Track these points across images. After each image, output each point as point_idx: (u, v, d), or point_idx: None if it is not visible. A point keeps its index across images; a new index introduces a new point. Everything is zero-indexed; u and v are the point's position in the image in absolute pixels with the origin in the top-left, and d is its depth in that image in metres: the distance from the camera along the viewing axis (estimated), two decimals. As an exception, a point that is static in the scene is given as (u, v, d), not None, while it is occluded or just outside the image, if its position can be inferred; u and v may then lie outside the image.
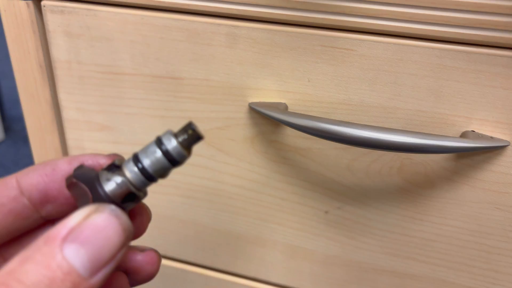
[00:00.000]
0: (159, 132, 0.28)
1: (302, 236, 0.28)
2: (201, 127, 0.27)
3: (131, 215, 0.15)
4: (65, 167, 0.15)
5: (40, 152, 0.30)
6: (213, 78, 0.25)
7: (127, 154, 0.29)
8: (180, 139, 0.14)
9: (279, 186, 0.27)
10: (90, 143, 0.29)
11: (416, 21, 0.20)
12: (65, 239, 0.11)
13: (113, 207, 0.13)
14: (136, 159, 0.14)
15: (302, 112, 0.24)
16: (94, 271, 0.11)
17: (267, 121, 0.25)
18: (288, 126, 0.24)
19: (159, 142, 0.14)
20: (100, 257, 0.12)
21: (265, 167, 0.27)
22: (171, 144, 0.13)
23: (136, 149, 0.29)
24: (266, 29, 0.23)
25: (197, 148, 0.27)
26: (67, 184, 0.14)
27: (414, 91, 0.22)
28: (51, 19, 0.26)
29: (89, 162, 0.15)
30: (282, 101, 0.24)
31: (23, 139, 1.14)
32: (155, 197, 0.30)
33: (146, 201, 0.30)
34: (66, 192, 0.15)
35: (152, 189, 0.29)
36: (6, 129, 1.16)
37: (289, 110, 0.24)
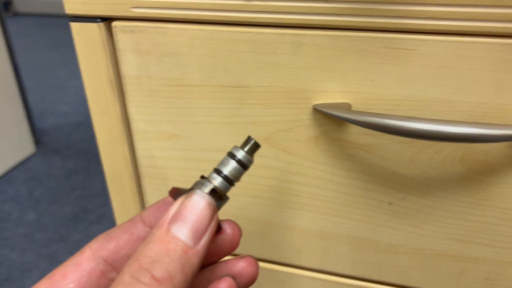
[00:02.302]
0: (225, 138, 0.30)
1: (366, 228, 0.30)
2: (265, 131, 0.29)
3: (224, 232, 0.19)
4: (170, 200, 0.20)
5: (110, 162, 0.33)
6: (277, 84, 0.27)
7: (194, 160, 0.31)
8: (246, 149, 0.19)
9: (343, 182, 0.29)
10: (159, 152, 0.31)
11: (477, 19, 0.22)
12: (170, 222, 0.15)
13: (198, 191, 0.17)
14: (217, 171, 0.18)
15: (366, 110, 0.26)
16: (196, 239, 0.15)
17: (331, 120, 0.27)
18: (353, 124, 0.25)
19: (231, 155, 0.19)
20: (198, 228, 0.15)
21: (329, 165, 0.29)
22: (241, 154, 0.18)
23: (203, 154, 0.31)
24: (330, 35, 0.24)
25: (262, 151, 0.29)
26: (170, 191, 0.19)
27: (475, 84, 0.24)
28: (121, 39, 0.28)
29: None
30: (346, 101, 0.26)
31: (54, 151, 1.18)
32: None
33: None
34: None
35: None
36: (37, 142, 1.20)
37: (353, 109, 0.26)
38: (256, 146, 0.19)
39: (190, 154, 0.31)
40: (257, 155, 0.30)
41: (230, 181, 0.18)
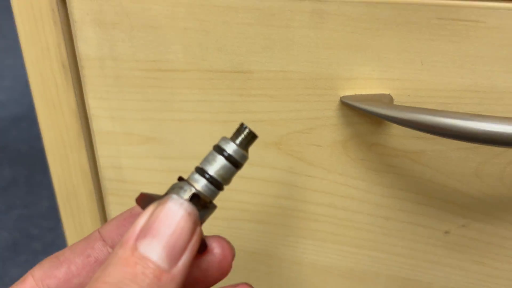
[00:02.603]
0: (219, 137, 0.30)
1: (413, 266, 0.30)
2: (275, 133, 0.29)
3: (211, 252, 0.19)
4: (139, 209, 0.20)
5: (61, 173, 0.33)
6: (292, 68, 0.27)
7: (177, 171, 0.31)
8: (238, 141, 0.19)
9: (382, 203, 0.29)
10: (130, 161, 0.32)
11: None
12: (138, 237, 0.16)
13: (174, 196, 0.17)
14: (200, 170, 0.19)
15: (414, 105, 0.26)
16: (172, 260, 0.16)
17: (365, 119, 0.27)
18: (395, 124, 0.25)
19: (219, 149, 0.19)
20: (174, 245, 0.16)
21: (362, 179, 0.29)
22: (231, 148, 0.19)
23: (189, 164, 0.31)
24: (364, 2, 0.24)
25: (272, 161, 0.29)
26: (137, 198, 0.19)
27: None
28: (77, 6, 0.28)
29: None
30: (386, 91, 0.26)
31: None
32: (217, 223, 0.32)
33: (210, 230, 0.32)
34: None
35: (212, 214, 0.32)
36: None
37: (395, 103, 0.26)
38: (251, 137, 0.19)
39: (171, 164, 0.31)
40: (264, 165, 0.30)
41: (217, 184, 0.19)
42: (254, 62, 0.27)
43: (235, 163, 0.19)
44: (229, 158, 0.19)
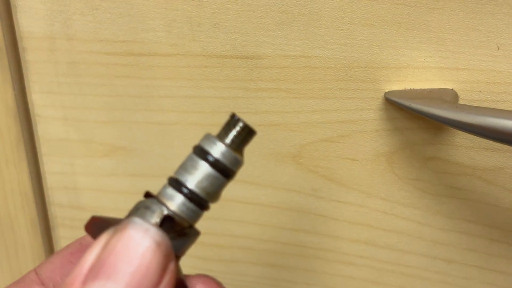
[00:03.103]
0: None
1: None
2: (294, 141, 0.29)
3: None
4: (90, 240, 0.21)
5: (-7, 198, 0.34)
6: (316, 53, 0.28)
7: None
8: (227, 140, 0.19)
9: (441, 239, 0.30)
10: (89, 178, 0.32)
11: None
12: (87, 278, 0.16)
13: (136, 219, 0.17)
14: (175, 182, 0.18)
15: (487, 104, 0.26)
16: None
17: (419, 123, 0.28)
18: (461, 130, 0.26)
19: (201, 151, 0.19)
20: (137, 286, 0.16)
21: (414, 206, 0.29)
22: (219, 149, 0.18)
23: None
24: (417, -37, 0.25)
25: (286, 179, 0.30)
26: (87, 225, 0.20)
27: None
28: (18, -34, 0.29)
29: None
30: (448, 86, 0.27)
31: None
32: (211, 267, 0.33)
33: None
34: None
35: (203, 254, 0.32)
36: None
37: (461, 101, 0.27)
38: (246, 133, 0.19)
39: (147, 184, 0.31)
40: (278, 186, 0.31)
41: (199, 201, 0.18)
42: (265, 44, 0.28)
43: (225, 171, 0.18)
44: (215, 164, 0.18)
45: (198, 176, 0.18)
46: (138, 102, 0.30)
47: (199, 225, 0.32)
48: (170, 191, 0.18)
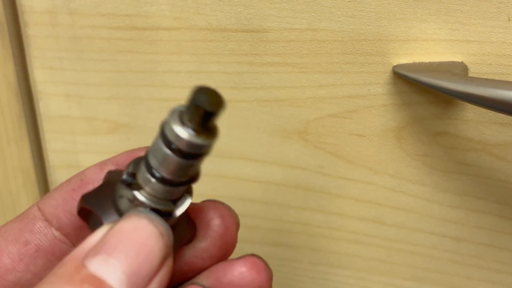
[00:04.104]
0: (222, 130, 0.30)
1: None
2: (300, 116, 0.29)
3: (207, 222, 0.20)
4: (96, 175, 0.21)
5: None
6: (323, 26, 0.27)
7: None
8: (187, 118, 0.17)
9: (450, 217, 0.29)
10: (92, 156, 0.32)
11: None
12: (89, 253, 0.16)
13: (141, 208, 0.18)
14: (147, 164, 0.18)
15: (498, 77, 0.26)
16: (133, 286, 0.16)
17: (428, 97, 0.27)
18: (471, 104, 0.26)
19: (164, 136, 0.17)
20: (138, 270, 0.16)
21: (423, 183, 0.29)
22: (177, 133, 0.17)
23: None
24: None
25: (292, 156, 0.30)
26: (80, 208, 0.19)
27: None
28: None
29: (125, 163, 0.20)
30: (458, 59, 0.26)
31: None
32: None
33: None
34: None
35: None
36: None
37: (471, 74, 0.26)
38: (210, 110, 0.17)
39: None
40: (284, 164, 0.30)
41: (173, 183, 0.18)
42: (270, 17, 0.28)
43: (187, 156, 0.17)
44: (175, 150, 0.17)
45: (161, 159, 0.18)
46: (141, 78, 0.30)
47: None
48: (143, 171, 0.18)
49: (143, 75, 0.30)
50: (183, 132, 0.17)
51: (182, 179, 0.18)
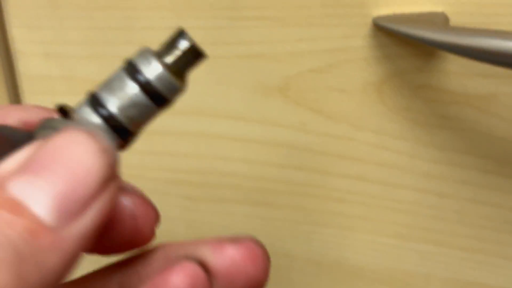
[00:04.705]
0: (202, 87, 0.30)
1: (479, 263, 0.30)
2: (280, 72, 0.29)
3: (122, 215, 0.17)
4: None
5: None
6: (302, -23, 0.27)
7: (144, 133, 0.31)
8: (168, 59, 0.16)
9: (433, 172, 0.29)
10: (73, 117, 0.32)
11: None
12: (13, 173, 0.14)
13: (80, 122, 0.15)
14: (94, 100, 0.16)
15: (479, 27, 0.26)
16: (64, 217, 0.13)
17: (409, 49, 0.27)
18: (453, 53, 0.25)
19: (131, 68, 0.16)
20: (71, 192, 0.14)
21: (405, 138, 0.29)
22: (153, 69, 0.16)
23: (162, 122, 0.31)
24: None
25: (273, 113, 0.30)
26: None
27: None
28: None
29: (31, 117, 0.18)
30: (438, 9, 0.26)
31: None
32: (197, 206, 0.33)
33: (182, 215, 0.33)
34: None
35: (190, 194, 0.32)
36: None
37: (452, 24, 0.26)
38: (193, 55, 0.16)
39: None
40: (265, 121, 0.30)
41: (120, 127, 0.16)
42: (248, -31, 0.27)
43: (157, 96, 0.16)
44: (146, 87, 0.16)
45: (123, 98, 0.16)
46: (119, 35, 0.30)
47: (182, 163, 0.32)
48: (87, 110, 0.16)
49: (121, 32, 0.30)
50: (161, 68, 0.16)
51: (129, 126, 0.16)
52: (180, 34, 0.16)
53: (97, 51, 0.30)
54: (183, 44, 0.16)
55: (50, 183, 0.14)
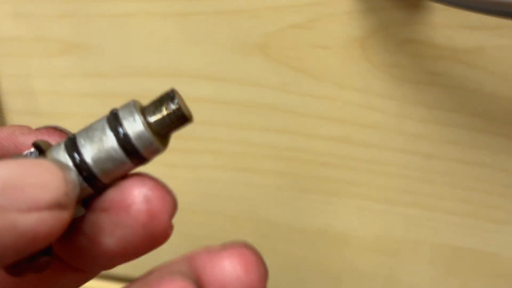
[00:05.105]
0: (177, 47, 0.29)
1: (470, 228, 0.30)
2: (259, 30, 0.28)
3: (125, 206, 0.17)
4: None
5: None
6: None
7: (116, 95, 0.30)
8: (152, 118, 0.16)
9: (420, 132, 0.28)
10: (46, 80, 0.31)
11: None
12: None
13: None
14: (72, 145, 0.16)
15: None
16: (5, 195, 0.14)
17: (393, 1, 0.26)
18: (439, 3, 0.24)
19: (114, 119, 0.16)
20: (18, 187, 0.14)
21: (391, 97, 0.28)
22: (134, 125, 0.16)
23: (134, 84, 0.30)
24: None
25: (253, 72, 0.29)
26: None
27: None
28: None
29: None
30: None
31: None
32: (178, 173, 0.32)
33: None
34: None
35: (170, 160, 0.31)
36: None
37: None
38: (178, 118, 0.16)
39: (105, 85, 0.31)
40: (245, 81, 0.29)
41: (90, 177, 0.16)
42: None
43: (133, 153, 0.16)
44: (123, 141, 0.16)
45: (99, 149, 0.16)
46: (92, -7, 0.29)
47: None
48: (62, 152, 0.16)
49: (94, -10, 0.29)
50: (141, 126, 0.16)
51: (100, 177, 0.16)
52: (170, 95, 0.16)
53: (68, 10, 0.29)
54: (171, 106, 0.16)
55: (5, 172, 0.14)
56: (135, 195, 0.17)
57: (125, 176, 0.17)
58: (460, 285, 0.31)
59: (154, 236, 0.17)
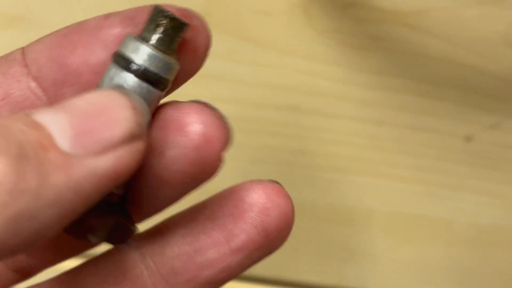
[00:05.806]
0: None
1: (422, 194, 0.30)
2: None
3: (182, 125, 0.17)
4: (97, 23, 0.18)
5: None
6: None
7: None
8: (154, 40, 0.16)
9: (368, 99, 0.28)
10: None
11: None
12: (38, 109, 0.14)
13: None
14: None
15: None
16: (79, 147, 0.14)
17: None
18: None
19: (121, 59, 0.16)
20: (91, 130, 0.14)
21: (337, 63, 0.28)
22: (144, 53, 0.16)
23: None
24: None
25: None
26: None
27: None
28: None
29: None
30: None
31: None
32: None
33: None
34: (95, 62, 0.17)
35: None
36: None
37: None
38: (177, 27, 0.16)
39: None
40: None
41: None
42: None
43: (157, 81, 0.16)
44: (143, 74, 0.16)
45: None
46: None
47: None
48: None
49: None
50: (151, 50, 0.16)
51: None
52: (157, 10, 0.16)
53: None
54: (164, 21, 0.16)
55: (74, 117, 0.14)
56: (193, 116, 0.17)
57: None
58: (416, 252, 0.31)
59: (204, 164, 0.17)
